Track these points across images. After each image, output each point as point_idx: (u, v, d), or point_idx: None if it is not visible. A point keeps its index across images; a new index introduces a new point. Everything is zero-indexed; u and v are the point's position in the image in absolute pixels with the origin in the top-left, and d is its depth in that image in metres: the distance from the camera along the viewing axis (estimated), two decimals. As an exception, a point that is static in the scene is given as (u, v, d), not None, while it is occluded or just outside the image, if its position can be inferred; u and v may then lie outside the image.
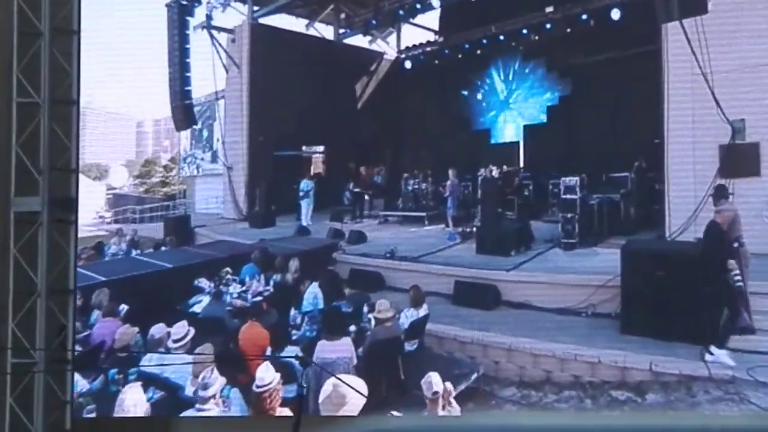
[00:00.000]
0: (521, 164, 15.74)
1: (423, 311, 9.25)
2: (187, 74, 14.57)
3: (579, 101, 14.88)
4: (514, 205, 13.86)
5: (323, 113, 15.71)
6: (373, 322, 8.85)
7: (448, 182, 13.30)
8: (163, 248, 13.15)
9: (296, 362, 8.24)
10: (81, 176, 16.53)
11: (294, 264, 10.88)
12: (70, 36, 8.21)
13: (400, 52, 16.69)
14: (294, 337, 9.17)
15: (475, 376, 9.54)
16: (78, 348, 8.52)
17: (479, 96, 16.18)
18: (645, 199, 12.50)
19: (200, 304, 10.36)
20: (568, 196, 11.86)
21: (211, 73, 15.09)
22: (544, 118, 15.49)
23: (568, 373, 9.50)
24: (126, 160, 17.08)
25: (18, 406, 7.89)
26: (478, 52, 15.56)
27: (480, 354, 10.07)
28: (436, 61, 16.06)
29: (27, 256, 7.92)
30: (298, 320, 9.51)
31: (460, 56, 15.75)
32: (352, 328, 8.96)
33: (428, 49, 16.16)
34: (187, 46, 14.48)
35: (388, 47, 16.75)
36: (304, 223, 14.66)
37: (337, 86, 16.13)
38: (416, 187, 14.63)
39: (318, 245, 12.86)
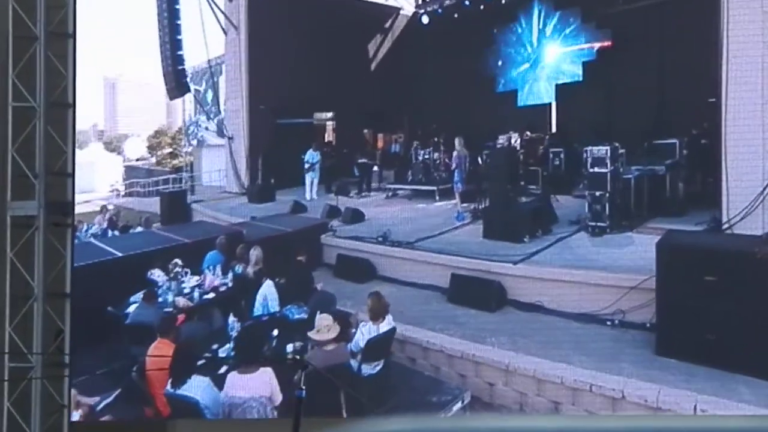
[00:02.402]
0: (553, 129, 12.46)
1: (385, 326, 6.34)
2: (178, 37, 11.92)
3: (619, 55, 11.37)
4: (538, 178, 10.66)
5: (332, 77, 12.70)
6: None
7: (455, 152, 10.20)
8: (139, 228, 10.63)
9: (201, 399, 5.51)
10: (102, 147, 14.33)
11: (255, 253, 8.10)
12: (65, 39, 7.53)
13: (418, 6, 13.45)
14: (222, 355, 6.40)
15: (458, 405, 6.63)
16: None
17: (505, 53, 12.82)
18: (697, 173, 9.13)
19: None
20: (597, 169, 8.63)
21: (210, 37, 12.47)
22: (579, 75, 12.02)
23: (581, 408, 6.46)
24: (154, 131, 14.83)
25: (15, 410, 7.19)
26: (503, 1, 12.21)
27: (472, 372, 7.15)
28: (456, 15, 12.74)
29: (24, 260, 7.29)
30: (236, 331, 6.77)
31: (482, 7, 12.40)
32: (290, 347, 6.14)
33: (447, 1, 12.85)
34: (177, 6, 11.80)
35: (405, 1, 13.53)
36: (308, 198, 11.86)
37: (348, 46, 13.06)
38: (427, 157, 11.56)
39: (305, 226, 10.06)
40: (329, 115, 13.59)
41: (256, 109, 12.51)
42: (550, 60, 12.46)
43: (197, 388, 5.43)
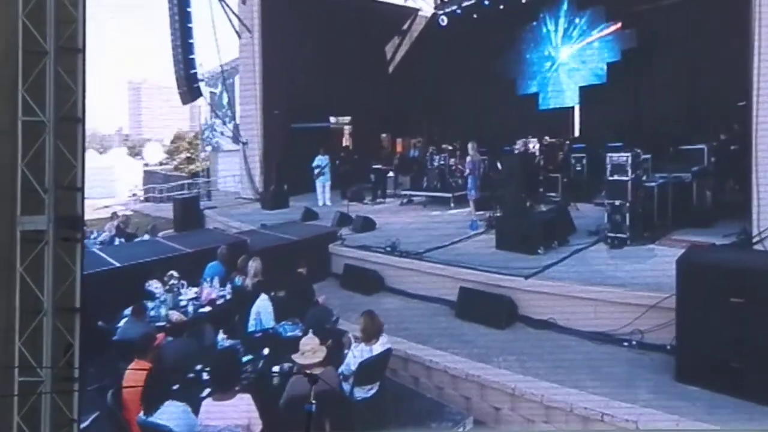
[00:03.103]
0: (576, 133, 11.81)
1: (379, 347, 5.80)
2: (190, 41, 11.61)
3: (645, 56, 10.72)
4: (558, 185, 10.04)
5: (349, 79, 12.25)
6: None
7: (468, 158, 9.61)
8: (146, 236, 10.28)
9: (175, 427, 5.06)
10: (126, 152, 14.14)
11: (254, 265, 7.64)
12: (75, 54, 7.39)
13: (437, 6, 12.91)
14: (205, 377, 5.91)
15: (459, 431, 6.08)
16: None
17: (526, 54, 12.20)
18: (726, 180, 8.44)
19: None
20: (617, 177, 7.99)
21: (227, 39, 12.14)
22: (603, 77, 11.37)
23: (592, 439, 5.86)
24: (173, 136, 14.58)
25: (25, 424, 6.98)
26: (523, 1, 11.62)
27: (476, 395, 6.58)
28: (475, 15, 12.19)
29: (33, 275, 7.10)
30: (228, 345, 6.30)
31: (502, 7, 11.83)
32: (277, 369, 5.64)
33: (465, 2, 12.27)
34: (188, 9, 11.48)
35: (424, 2, 13.00)
36: (321, 204, 11.41)
37: (365, 48, 12.60)
38: (442, 162, 11.00)
39: (313, 234, 9.57)
40: (346, 119, 13.14)
41: (270, 113, 12.12)
42: (573, 62, 11.82)
43: (172, 414, 5.00)
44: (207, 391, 5.43)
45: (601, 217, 8.64)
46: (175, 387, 5.43)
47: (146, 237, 10.18)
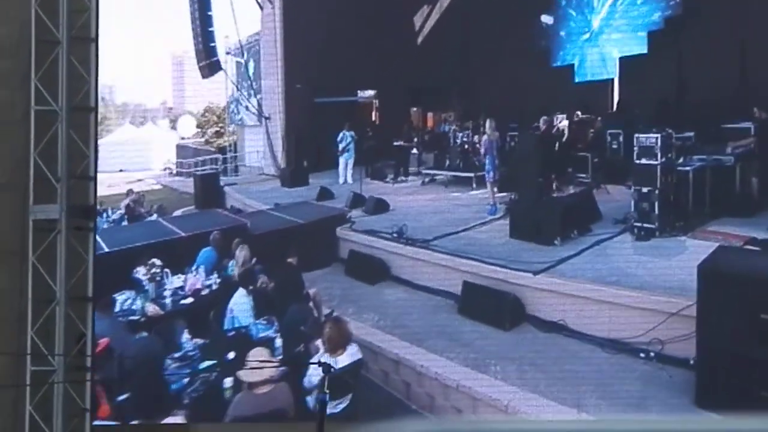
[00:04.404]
0: (614, 108, 10.50)
1: (347, 358, 4.99)
2: (209, 13, 10.86)
3: (692, 23, 9.27)
4: (587, 165, 8.86)
5: (375, 51, 11.26)
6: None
7: (484, 137, 8.57)
8: (155, 216, 9.69)
9: None
10: (165, 124, 13.68)
11: (243, 254, 6.92)
12: (87, 44, 7.36)
13: (468, -29, 11.67)
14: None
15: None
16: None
17: (563, 20, 10.87)
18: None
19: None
20: (644, 161, 6.83)
21: (250, 12, 11.36)
22: (644, 47, 9.97)
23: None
24: (203, 109, 14.08)
25: (37, 413, 6.94)
26: (562, -40, 10.31)
27: (469, 407, 5.73)
28: (507, -21, 10.92)
29: (46, 264, 7.04)
30: (189, 348, 5.57)
31: (537, -30, 10.53)
32: (229, 382, 4.86)
33: (497, -36, 11.00)
34: (206, -21, 10.73)
35: (454, -33, 11.78)
36: (342, 182, 10.59)
37: (392, 18, 11.53)
38: (465, 140, 9.94)
39: (321, 217, 8.78)
40: (371, 93, 12.20)
41: (292, 87, 11.32)
42: (612, 30, 10.45)
43: None
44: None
45: (627, 204, 7.50)
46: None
47: (154, 217, 9.63)
